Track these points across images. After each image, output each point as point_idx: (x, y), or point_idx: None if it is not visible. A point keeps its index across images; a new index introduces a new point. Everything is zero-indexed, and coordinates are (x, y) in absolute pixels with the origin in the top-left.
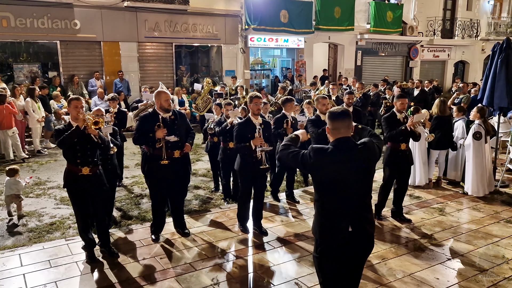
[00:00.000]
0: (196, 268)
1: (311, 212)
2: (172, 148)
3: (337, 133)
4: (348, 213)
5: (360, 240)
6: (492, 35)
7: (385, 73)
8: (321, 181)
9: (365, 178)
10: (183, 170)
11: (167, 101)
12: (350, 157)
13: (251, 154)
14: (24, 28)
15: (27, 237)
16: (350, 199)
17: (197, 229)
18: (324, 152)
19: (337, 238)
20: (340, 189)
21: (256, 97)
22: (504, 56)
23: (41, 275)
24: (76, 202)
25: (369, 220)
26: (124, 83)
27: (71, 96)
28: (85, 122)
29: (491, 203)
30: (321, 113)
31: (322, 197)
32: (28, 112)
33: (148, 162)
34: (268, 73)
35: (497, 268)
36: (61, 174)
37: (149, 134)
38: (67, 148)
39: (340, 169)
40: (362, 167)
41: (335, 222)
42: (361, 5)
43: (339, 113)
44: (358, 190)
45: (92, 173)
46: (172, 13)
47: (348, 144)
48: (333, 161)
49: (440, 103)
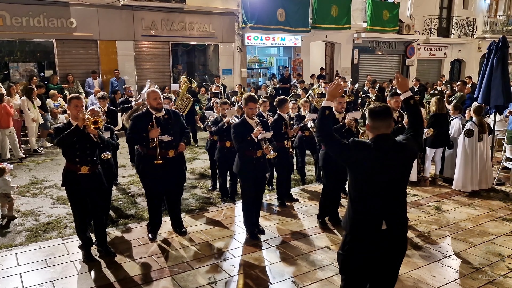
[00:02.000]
0: (193, 267)
1: (308, 210)
2: (166, 148)
3: (376, 131)
4: (383, 210)
5: (393, 240)
6: (488, 34)
7: (381, 71)
8: (358, 175)
9: (403, 176)
10: (178, 169)
11: (155, 100)
12: (390, 154)
13: (251, 156)
14: (20, 27)
15: (24, 237)
16: (385, 197)
17: (194, 228)
18: (364, 147)
19: (369, 236)
20: (376, 186)
21: (251, 101)
22: (500, 54)
23: (38, 274)
24: (74, 201)
25: (403, 219)
26: (120, 82)
27: (72, 94)
28: (84, 122)
29: (487, 201)
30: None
31: (357, 192)
32: (24, 111)
33: (142, 162)
34: (265, 71)
35: (493, 266)
36: (57, 173)
37: (143, 133)
38: (66, 147)
39: (379, 166)
40: (400, 165)
41: (369, 219)
42: (357, 3)
43: (381, 111)
44: (394, 187)
45: (91, 172)
46: (168, 12)
47: (388, 141)
48: (372, 157)
49: (437, 101)
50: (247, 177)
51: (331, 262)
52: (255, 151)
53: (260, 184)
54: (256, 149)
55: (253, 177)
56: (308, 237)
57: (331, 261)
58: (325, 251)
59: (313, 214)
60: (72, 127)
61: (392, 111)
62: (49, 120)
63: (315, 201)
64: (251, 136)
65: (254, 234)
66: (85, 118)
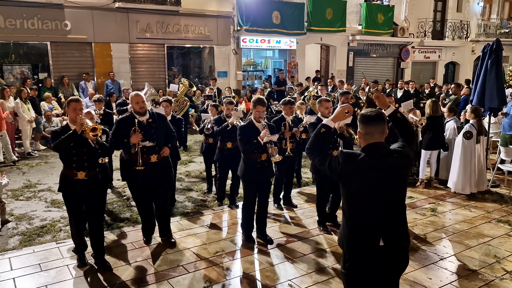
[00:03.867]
0: (188, 270)
1: (304, 213)
2: (148, 153)
3: (370, 138)
4: (380, 226)
5: (393, 255)
6: (482, 37)
7: (376, 74)
8: (350, 190)
9: (399, 187)
10: (162, 175)
11: (137, 103)
12: (384, 164)
13: (256, 159)
14: (14, 29)
15: (17, 241)
16: (382, 211)
17: (189, 231)
18: (355, 159)
19: (367, 253)
20: (371, 200)
21: (260, 104)
22: (494, 57)
23: (32, 279)
24: (69, 207)
25: (403, 233)
26: (115, 85)
27: (71, 97)
28: (83, 127)
29: (483, 203)
30: (323, 116)
31: (351, 207)
32: (18, 114)
33: (125, 168)
34: (261, 74)
35: (489, 268)
36: (51, 176)
37: (124, 139)
38: (63, 152)
39: (372, 178)
40: (397, 175)
41: (365, 236)
42: (352, 6)
43: (373, 116)
44: (391, 200)
45: (88, 178)
46: (163, 14)
47: (382, 150)
48: (364, 168)
49: (432, 103)
50: (251, 181)
51: (328, 265)
52: (260, 154)
53: (264, 188)
54: (261, 153)
55: (257, 181)
56: (305, 239)
57: (328, 263)
58: (321, 253)
59: (309, 217)
60: (69, 132)
61: (385, 116)
62: (42, 123)
63: (312, 204)
64: (257, 139)
65: (250, 236)
66: (84, 123)
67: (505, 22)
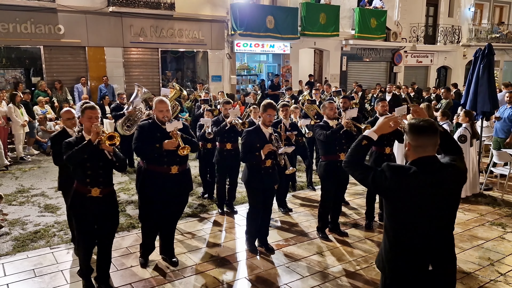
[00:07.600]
0: (185, 275)
1: (299, 217)
2: (169, 163)
3: (421, 151)
4: (429, 248)
5: (441, 281)
6: (473, 41)
7: (369, 78)
8: (398, 207)
9: (451, 206)
10: (184, 188)
11: (161, 112)
12: (437, 180)
13: (260, 165)
14: (7, 33)
15: (11, 246)
16: (432, 231)
17: (187, 235)
18: (405, 173)
19: (413, 278)
20: (421, 219)
21: (271, 108)
22: (486, 61)
23: (26, 284)
24: (81, 227)
25: (452, 257)
26: (109, 89)
27: (86, 104)
28: (98, 136)
29: (476, 206)
30: (329, 118)
31: (396, 226)
32: (11, 118)
33: (147, 178)
34: (255, 78)
35: (483, 270)
36: (45, 181)
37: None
38: (76, 165)
39: (424, 195)
40: (450, 192)
41: (413, 260)
42: (345, 11)
43: (427, 127)
44: (442, 220)
45: (103, 195)
46: (157, 19)
47: (435, 164)
48: (416, 185)
49: (426, 107)
50: (255, 188)
51: (323, 269)
52: (264, 160)
53: (268, 195)
54: (265, 159)
55: (261, 188)
56: (300, 244)
57: (323, 267)
58: (317, 257)
59: (304, 221)
60: (84, 142)
61: (438, 127)
62: (35, 128)
63: (306, 208)
64: (261, 145)
65: (254, 247)
66: (100, 132)
67: (496, 27)
